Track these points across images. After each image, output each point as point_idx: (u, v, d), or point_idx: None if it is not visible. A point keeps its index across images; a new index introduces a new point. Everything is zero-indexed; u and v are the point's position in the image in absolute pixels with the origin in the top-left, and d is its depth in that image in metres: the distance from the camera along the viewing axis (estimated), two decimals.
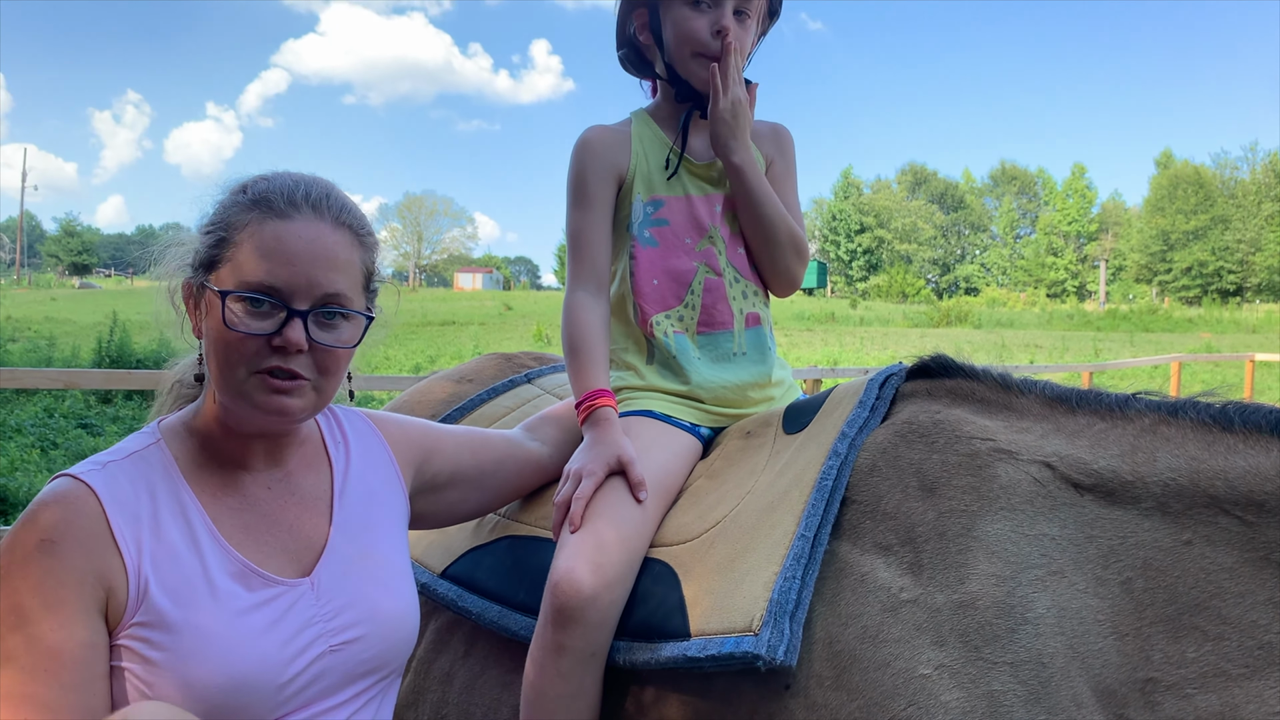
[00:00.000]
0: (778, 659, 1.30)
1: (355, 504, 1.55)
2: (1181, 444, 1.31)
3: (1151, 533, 1.26)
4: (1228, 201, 74.06)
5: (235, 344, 1.32)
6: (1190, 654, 1.18)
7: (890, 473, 1.47)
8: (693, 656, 1.40)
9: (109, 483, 1.31)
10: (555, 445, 1.88)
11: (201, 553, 1.35)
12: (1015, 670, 1.22)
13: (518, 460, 1.83)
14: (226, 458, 1.43)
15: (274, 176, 1.41)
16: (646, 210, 1.93)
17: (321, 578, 1.43)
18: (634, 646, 1.50)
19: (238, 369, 1.33)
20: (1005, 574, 1.28)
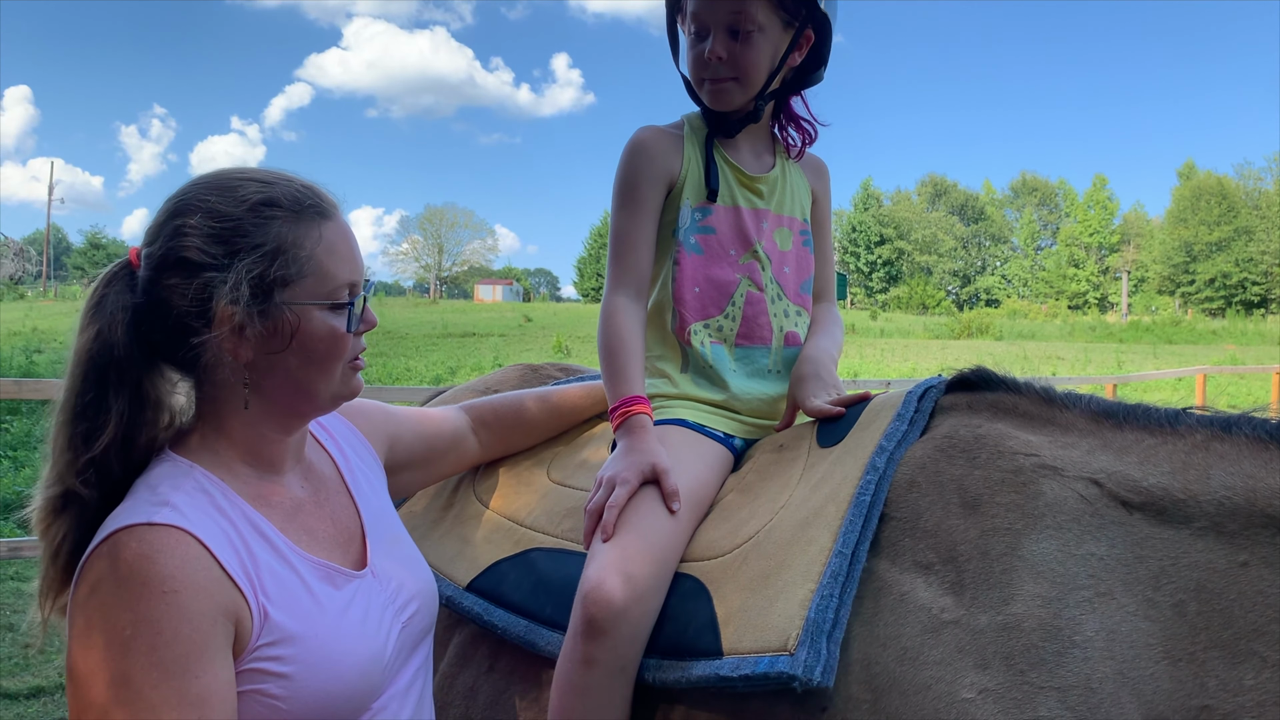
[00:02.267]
0: (814, 680, 1.26)
1: (364, 485, 1.58)
2: (1236, 461, 1.26)
3: (1205, 553, 1.21)
4: (1251, 212, 73.46)
5: (340, 343, 1.36)
6: (1248, 681, 1.13)
7: (930, 489, 1.42)
8: (725, 676, 1.35)
9: (191, 520, 1.24)
10: (486, 449, 1.95)
11: (291, 564, 1.34)
12: (1063, 695, 1.17)
13: (459, 452, 1.89)
14: (264, 465, 1.40)
15: (267, 182, 1.36)
16: (695, 217, 1.91)
17: (375, 563, 1.48)
18: (664, 664, 1.46)
19: (337, 368, 1.38)
20: (1051, 595, 1.24)
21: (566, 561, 1.72)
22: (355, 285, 1.38)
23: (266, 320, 1.31)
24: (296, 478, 1.46)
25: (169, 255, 1.30)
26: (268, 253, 1.30)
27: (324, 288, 1.34)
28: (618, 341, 1.78)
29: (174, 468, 1.31)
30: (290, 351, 1.33)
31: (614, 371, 1.77)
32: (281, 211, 1.33)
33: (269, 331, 1.31)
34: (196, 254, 1.29)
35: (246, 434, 1.37)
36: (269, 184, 1.35)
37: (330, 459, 1.57)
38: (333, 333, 1.35)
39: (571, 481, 1.96)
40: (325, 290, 1.34)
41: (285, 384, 1.35)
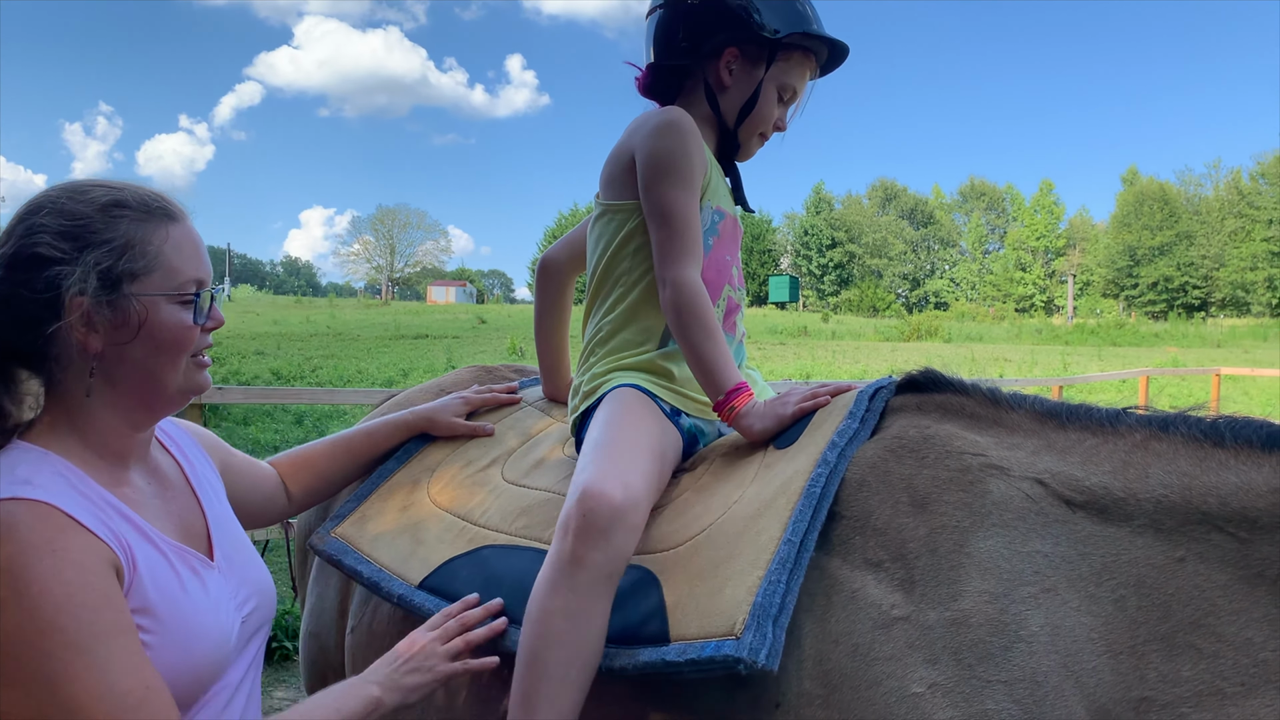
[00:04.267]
0: (759, 662, 1.28)
1: (207, 488, 1.63)
2: (1173, 460, 1.31)
3: (1144, 550, 1.25)
4: (1192, 217, 75.10)
5: (187, 335, 1.42)
6: (1185, 672, 1.17)
7: (880, 488, 1.45)
8: (672, 661, 1.38)
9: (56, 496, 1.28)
10: (295, 502, 1.99)
11: (155, 543, 1.39)
12: (1010, 689, 1.20)
13: (273, 501, 1.94)
14: (113, 458, 1.44)
15: (117, 187, 1.43)
16: (713, 218, 1.98)
17: (219, 558, 1.52)
18: (613, 652, 1.48)
19: (182, 360, 1.44)
20: (998, 591, 1.27)
21: (518, 557, 1.74)
22: (202, 282, 1.45)
23: (115, 311, 1.37)
24: (143, 475, 1.50)
25: (20, 252, 1.35)
26: (116, 248, 1.37)
27: (171, 282, 1.41)
28: (712, 324, 1.80)
29: (27, 454, 1.34)
30: (138, 342, 1.39)
31: (717, 355, 1.78)
32: (130, 211, 1.40)
33: (118, 322, 1.37)
34: (47, 249, 1.34)
35: (96, 426, 1.41)
36: (118, 189, 1.42)
37: (175, 462, 1.61)
38: (180, 324, 1.42)
39: (525, 481, 1.97)
40: (172, 284, 1.41)
41: (134, 374, 1.40)
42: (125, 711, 1.21)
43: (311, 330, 33.51)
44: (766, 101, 2.03)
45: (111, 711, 1.20)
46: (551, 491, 1.90)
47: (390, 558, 1.92)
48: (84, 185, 1.42)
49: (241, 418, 13.91)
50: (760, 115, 2.04)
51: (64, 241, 1.35)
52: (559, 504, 1.84)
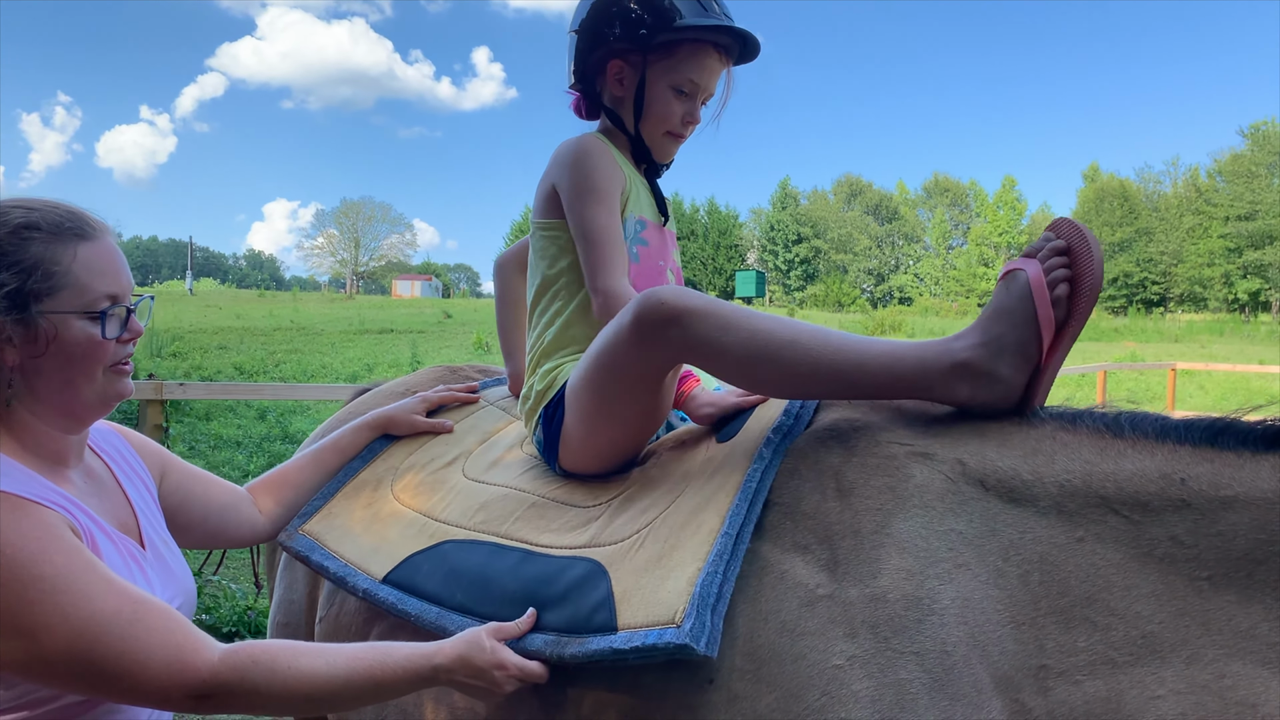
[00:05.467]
0: (699, 649, 1.37)
1: (137, 489, 1.71)
2: (1078, 448, 1.42)
3: (1048, 530, 1.36)
4: (1151, 214, 76.24)
5: (100, 350, 1.50)
6: (1080, 643, 1.28)
7: (811, 476, 1.55)
8: (618, 649, 1.46)
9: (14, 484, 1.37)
10: (272, 519, 2.07)
11: (104, 529, 1.49)
12: (921, 659, 1.30)
13: (240, 516, 2.00)
14: (49, 459, 1.52)
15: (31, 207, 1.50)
16: (636, 228, 2.08)
17: (150, 554, 1.60)
18: (564, 640, 1.55)
19: (97, 371, 1.51)
20: (914, 568, 1.37)
21: (477, 551, 1.81)
22: (117, 296, 1.53)
23: (25, 328, 1.45)
24: (80, 473, 1.59)
25: None
26: (24, 269, 1.45)
27: (79, 299, 1.49)
28: None
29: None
30: (48, 356, 1.47)
31: None
32: (40, 233, 1.47)
33: (28, 338, 1.45)
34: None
35: (30, 431, 1.50)
36: (32, 210, 1.50)
37: (107, 466, 1.69)
38: (89, 339, 1.50)
39: (485, 478, 2.05)
40: (81, 301, 1.49)
41: (51, 385, 1.49)
42: (123, 627, 1.32)
43: (275, 324, 33.22)
44: (657, 101, 2.09)
45: (109, 630, 1.30)
46: (509, 487, 1.98)
47: (355, 553, 1.98)
48: (3, 208, 1.49)
49: (204, 413, 13.83)
50: (654, 115, 2.10)
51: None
52: (516, 498, 1.92)
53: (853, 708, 1.30)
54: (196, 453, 10.99)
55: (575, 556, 1.68)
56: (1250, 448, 1.32)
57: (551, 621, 1.60)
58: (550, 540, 1.76)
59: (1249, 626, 1.21)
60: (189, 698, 1.36)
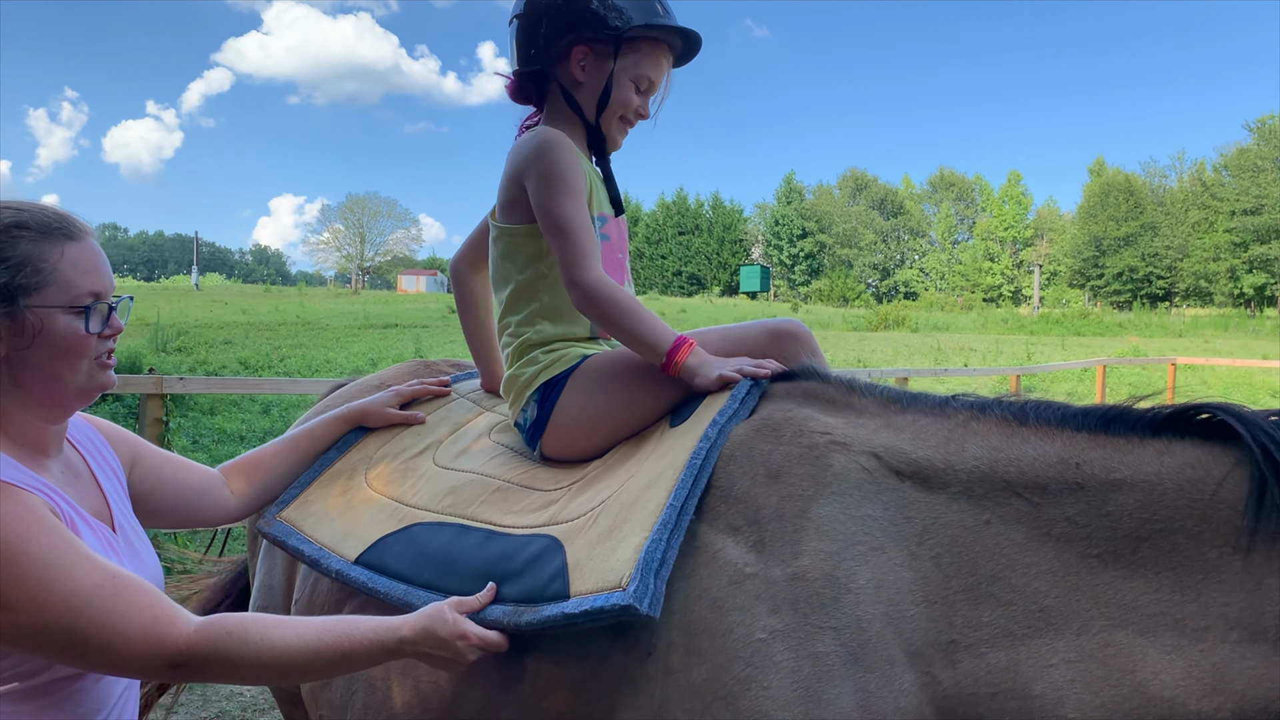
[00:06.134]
0: (642, 610, 1.47)
1: (109, 478, 1.80)
2: (986, 436, 1.52)
3: (958, 513, 1.46)
4: (1156, 209, 76.18)
5: (83, 344, 1.59)
6: (985, 618, 1.38)
7: (744, 462, 1.65)
8: (569, 613, 1.56)
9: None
10: (244, 501, 2.15)
11: (82, 515, 1.58)
12: (837, 634, 1.41)
13: (212, 498, 2.07)
14: (31, 448, 1.61)
15: (20, 208, 1.59)
16: (599, 223, 2.15)
17: (121, 541, 1.69)
18: (520, 609, 1.65)
19: (82, 363, 1.60)
20: (833, 550, 1.47)
21: (444, 532, 1.92)
22: (100, 294, 1.61)
23: (12, 321, 1.53)
24: (58, 466, 1.67)
25: None
26: (12, 265, 1.53)
27: (65, 295, 1.57)
28: (633, 305, 1.99)
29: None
30: (35, 348, 1.56)
31: (648, 328, 1.97)
32: (29, 232, 1.56)
33: (15, 330, 1.54)
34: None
35: (13, 420, 1.58)
36: (22, 211, 1.59)
37: (81, 457, 1.78)
38: (74, 333, 1.58)
39: (454, 465, 2.15)
40: (66, 297, 1.58)
41: (37, 376, 1.57)
42: (104, 600, 1.42)
43: (280, 319, 33.37)
44: (621, 89, 2.19)
45: (91, 603, 1.40)
46: (477, 473, 2.08)
47: (330, 537, 2.09)
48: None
49: (208, 408, 13.95)
50: (617, 102, 2.20)
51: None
52: (482, 484, 2.03)
53: (775, 678, 1.40)
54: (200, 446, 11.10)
55: (534, 534, 1.79)
56: (1139, 434, 1.42)
57: (511, 594, 1.70)
58: (512, 521, 1.87)
59: (1132, 599, 1.31)
60: (166, 667, 1.46)
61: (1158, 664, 1.28)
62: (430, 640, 1.61)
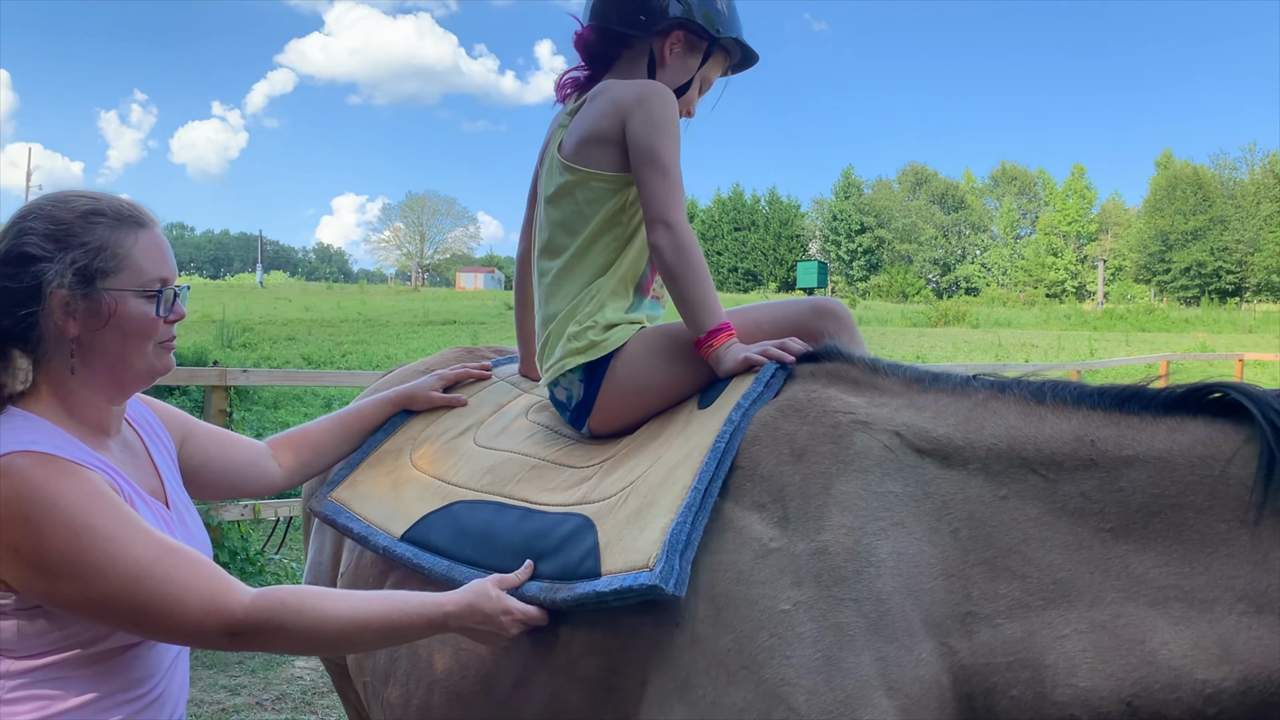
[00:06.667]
0: (668, 589, 1.54)
1: (163, 457, 1.88)
2: (1005, 415, 1.55)
3: (977, 489, 1.50)
4: (1226, 202, 74.21)
5: (152, 326, 1.66)
6: (1001, 590, 1.42)
7: (769, 442, 1.70)
8: (600, 591, 1.64)
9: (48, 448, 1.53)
10: (289, 472, 2.22)
11: (139, 493, 1.66)
12: (858, 605, 1.45)
13: (258, 470, 2.15)
14: (92, 427, 1.68)
15: (96, 197, 1.68)
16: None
17: (174, 519, 1.76)
18: (555, 586, 1.73)
19: (148, 346, 1.67)
20: (854, 525, 1.52)
21: (483, 510, 2.01)
22: (166, 281, 1.69)
23: (89, 302, 1.61)
24: (117, 445, 1.76)
25: (11, 251, 1.60)
26: (91, 249, 1.61)
27: (137, 279, 1.65)
28: (703, 265, 2.04)
29: (24, 418, 1.60)
30: (108, 329, 1.63)
31: (708, 293, 2.02)
32: (105, 219, 1.64)
33: (91, 311, 1.61)
34: (35, 249, 1.59)
35: (78, 399, 1.66)
36: (97, 199, 1.67)
37: (138, 436, 1.86)
38: (144, 315, 1.66)
39: (494, 444, 2.23)
40: (138, 281, 1.65)
41: (106, 356, 1.64)
42: (164, 571, 1.49)
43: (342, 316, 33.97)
44: (693, 88, 2.27)
45: (152, 573, 1.48)
46: (515, 452, 2.16)
47: (377, 515, 2.18)
48: (68, 195, 1.67)
49: (272, 402, 14.28)
50: (687, 100, 2.27)
51: (48, 243, 1.60)
52: (519, 462, 2.11)
53: (797, 647, 1.45)
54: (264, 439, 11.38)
55: (568, 513, 1.86)
56: (1153, 412, 1.45)
57: (546, 570, 1.78)
58: (547, 498, 1.94)
59: (1142, 572, 1.35)
60: (223, 635, 1.54)
61: (1167, 634, 1.31)
62: (475, 615, 1.68)
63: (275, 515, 6.87)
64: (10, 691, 1.48)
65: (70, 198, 1.67)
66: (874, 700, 1.39)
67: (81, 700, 1.52)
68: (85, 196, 1.67)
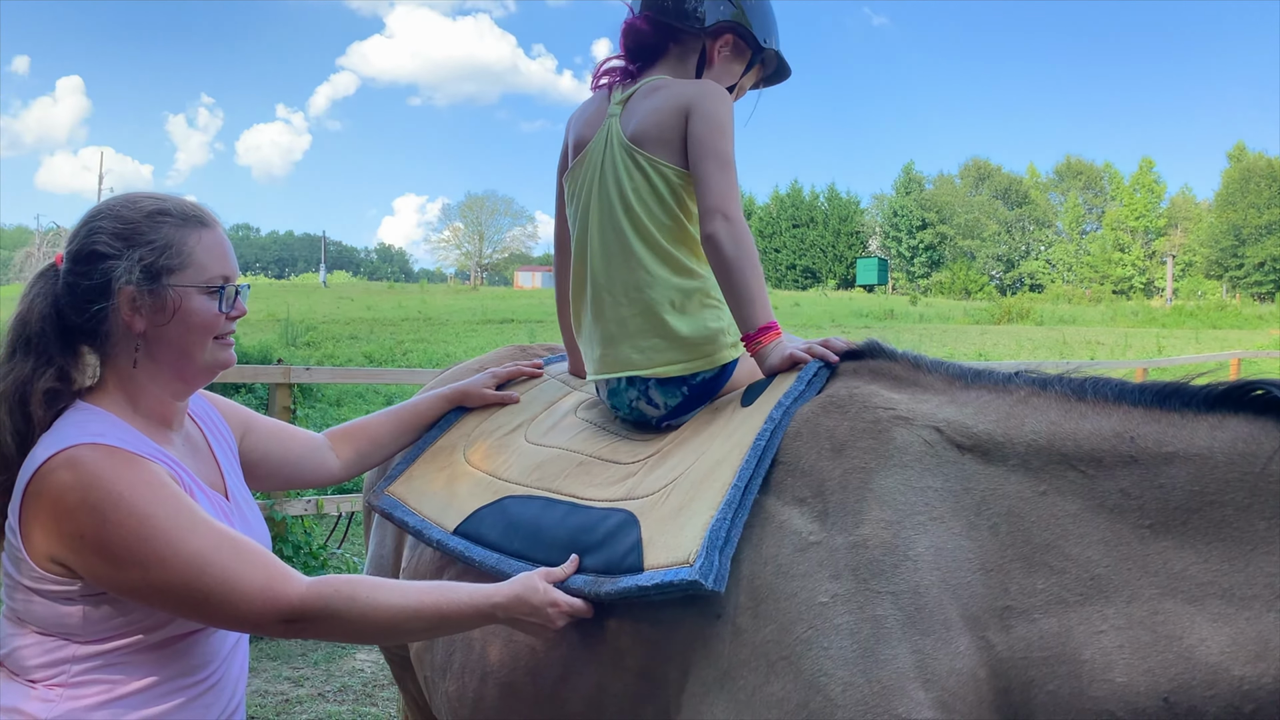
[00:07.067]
0: (707, 585, 1.57)
1: (223, 450, 1.94)
2: (1045, 411, 1.56)
3: (1016, 485, 1.50)
4: None
5: (215, 322, 1.72)
6: (1039, 585, 1.42)
7: (810, 437, 1.73)
8: (642, 586, 1.67)
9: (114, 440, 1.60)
10: (346, 463, 2.27)
11: (200, 486, 1.72)
12: (896, 598, 1.47)
13: (316, 462, 2.21)
14: (157, 421, 1.75)
15: (162, 198, 1.74)
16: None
17: (234, 511, 1.82)
18: (600, 580, 1.77)
19: (208, 340, 1.72)
20: (893, 519, 1.54)
21: (532, 505, 2.05)
22: (228, 278, 1.75)
23: (155, 298, 1.67)
24: (180, 435, 1.82)
25: (83, 248, 1.67)
26: (158, 247, 1.67)
27: (201, 276, 1.71)
28: (758, 261, 2.06)
29: (92, 413, 1.66)
30: (173, 324, 1.69)
31: (761, 290, 2.05)
32: (171, 219, 1.70)
33: (157, 307, 1.67)
34: (104, 247, 1.66)
35: (143, 394, 1.72)
36: (162, 200, 1.73)
37: (200, 430, 1.92)
38: (207, 311, 1.71)
39: (544, 441, 2.28)
40: (201, 278, 1.71)
41: (170, 350, 1.71)
42: (224, 559, 1.55)
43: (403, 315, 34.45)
44: (734, 95, 2.30)
45: (212, 562, 1.54)
46: (563, 449, 2.21)
47: (432, 509, 2.24)
48: (136, 196, 1.74)
49: (334, 399, 14.55)
50: (740, 89, 2.33)
51: (117, 241, 1.66)
52: (567, 458, 2.15)
53: (835, 639, 1.47)
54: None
55: (613, 508, 1.90)
56: (1194, 409, 1.44)
57: (591, 564, 1.82)
58: (593, 494, 1.98)
59: (1181, 569, 1.34)
60: (280, 621, 1.59)
61: (1204, 631, 1.31)
62: (523, 607, 1.73)
63: (337, 511, 7.01)
64: (77, 675, 1.56)
65: (137, 198, 1.73)
66: (910, 692, 1.41)
67: (143, 684, 1.59)
68: (151, 197, 1.74)
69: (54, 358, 1.67)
